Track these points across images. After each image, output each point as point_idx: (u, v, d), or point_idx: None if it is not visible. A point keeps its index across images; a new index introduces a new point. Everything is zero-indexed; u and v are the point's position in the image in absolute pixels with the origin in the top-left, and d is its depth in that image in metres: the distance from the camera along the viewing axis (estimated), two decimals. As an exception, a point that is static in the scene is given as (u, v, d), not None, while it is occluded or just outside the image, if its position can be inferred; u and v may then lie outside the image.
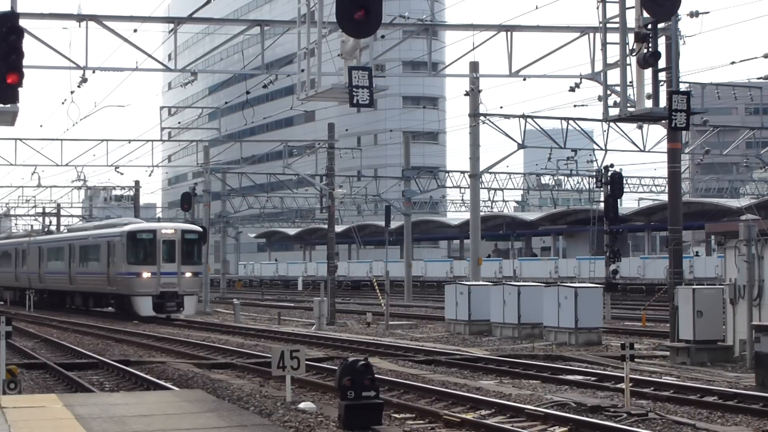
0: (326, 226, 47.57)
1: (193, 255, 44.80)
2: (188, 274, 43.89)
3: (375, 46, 21.86)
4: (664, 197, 51.81)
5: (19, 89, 16.06)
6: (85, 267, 49.12)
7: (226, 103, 55.76)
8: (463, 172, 64.72)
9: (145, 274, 43.25)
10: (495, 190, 71.48)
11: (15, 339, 28.00)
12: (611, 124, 39.76)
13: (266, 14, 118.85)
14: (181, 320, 44.05)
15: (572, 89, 27.66)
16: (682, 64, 27.73)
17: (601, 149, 46.81)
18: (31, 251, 57.96)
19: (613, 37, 20.17)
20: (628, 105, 19.69)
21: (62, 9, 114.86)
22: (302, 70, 19.50)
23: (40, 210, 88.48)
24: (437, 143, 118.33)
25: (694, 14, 29.40)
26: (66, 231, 62.09)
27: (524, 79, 26.91)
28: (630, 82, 19.69)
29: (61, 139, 49.21)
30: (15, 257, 61.56)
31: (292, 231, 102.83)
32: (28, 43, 16.63)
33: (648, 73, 19.76)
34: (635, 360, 23.47)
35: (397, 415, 16.44)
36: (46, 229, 73.13)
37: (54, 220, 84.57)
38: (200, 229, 46.43)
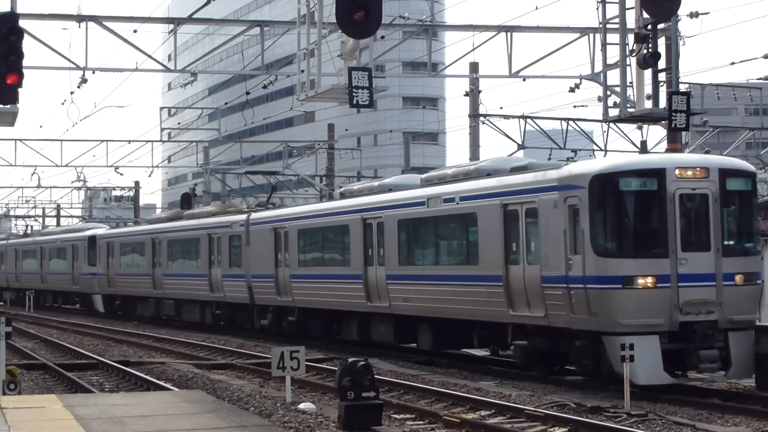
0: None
1: (743, 230, 19.76)
2: (738, 278, 19.03)
3: (375, 47, 21.92)
4: (664, 198, 51.58)
5: (19, 90, 16.08)
6: (458, 262, 23.20)
7: (226, 103, 55.72)
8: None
9: (642, 280, 18.47)
10: (495, 190, 71.41)
11: (15, 339, 28.02)
12: (611, 124, 39.84)
13: (266, 15, 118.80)
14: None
15: (572, 90, 27.76)
16: (681, 65, 27.77)
17: (601, 150, 46.79)
18: (256, 238, 32.52)
19: (613, 37, 20.21)
20: (628, 105, 19.71)
21: (62, 9, 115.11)
22: (302, 71, 19.54)
23: (39, 211, 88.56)
24: (437, 144, 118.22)
25: (693, 15, 29.44)
26: (339, 195, 30.88)
27: (524, 80, 26.97)
28: (630, 83, 19.72)
29: (61, 140, 49.24)
30: (210, 247, 36.12)
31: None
32: (28, 44, 16.69)
33: (648, 73, 19.79)
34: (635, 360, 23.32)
35: (397, 416, 16.44)
36: (268, 202, 39.46)
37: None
38: (752, 168, 20.61)
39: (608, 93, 20.75)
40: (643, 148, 39.59)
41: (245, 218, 33.43)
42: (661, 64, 20.56)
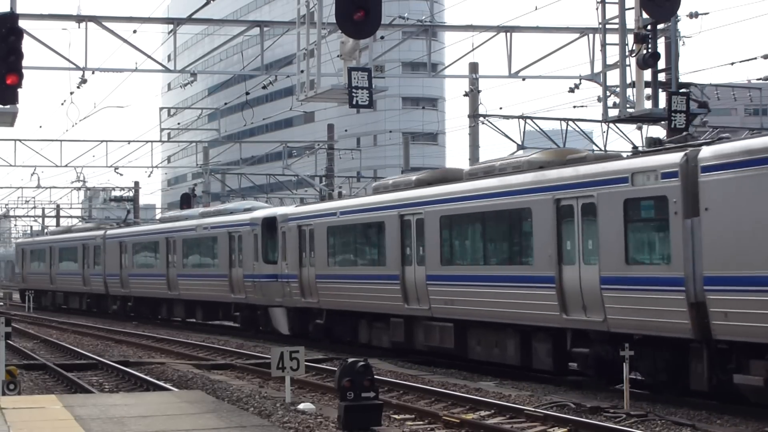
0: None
1: None
2: None
3: (374, 47, 21.92)
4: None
5: (19, 90, 16.09)
6: None
7: (225, 104, 55.76)
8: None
9: None
10: (494, 190, 71.41)
11: (14, 340, 28.04)
12: (611, 124, 39.90)
13: (266, 15, 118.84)
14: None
15: (572, 90, 27.80)
16: (681, 65, 27.77)
17: (601, 150, 46.84)
18: (729, 201, 15.86)
19: (613, 38, 20.22)
20: (628, 106, 19.71)
21: (62, 10, 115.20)
22: (302, 71, 19.54)
23: (39, 211, 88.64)
24: (437, 144, 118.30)
25: (693, 15, 29.47)
26: None
27: (524, 80, 26.99)
28: (629, 83, 19.72)
29: (61, 140, 49.30)
30: (558, 225, 19.49)
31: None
32: (27, 44, 16.68)
33: (647, 73, 19.79)
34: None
35: (396, 416, 16.45)
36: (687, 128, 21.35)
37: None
38: None
39: (608, 93, 20.76)
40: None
41: (679, 161, 16.86)
42: (661, 64, 20.58)
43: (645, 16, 18.78)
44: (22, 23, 16.85)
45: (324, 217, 28.97)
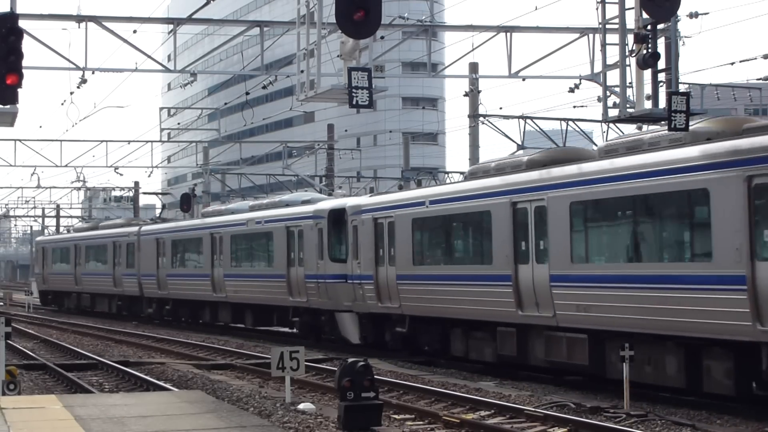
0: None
1: None
2: None
3: (374, 47, 21.91)
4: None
5: (19, 90, 16.08)
6: None
7: (225, 104, 55.76)
8: (462, 173, 64.70)
9: None
10: (495, 190, 71.33)
11: (14, 340, 28.04)
12: (611, 125, 39.90)
13: (266, 15, 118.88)
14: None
15: (572, 90, 27.77)
16: (681, 65, 27.79)
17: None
18: None
19: (613, 38, 20.21)
20: (628, 106, 19.71)
21: (62, 10, 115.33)
22: (302, 71, 19.53)
23: (39, 211, 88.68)
24: (437, 144, 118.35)
25: (693, 15, 29.47)
26: None
27: (524, 80, 26.96)
28: (629, 83, 19.72)
29: (61, 140, 49.28)
30: None
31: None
32: (27, 44, 16.66)
33: (647, 73, 19.77)
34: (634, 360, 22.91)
35: (396, 416, 16.45)
36: None
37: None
38: None
39: (608, 93, 20.74)
40: None
41: None
42: (661, 64, 20.54)
43: (645, 16, 18.76)
44: (22, 23, 16.84)
45: (408, 207, 24.76)
